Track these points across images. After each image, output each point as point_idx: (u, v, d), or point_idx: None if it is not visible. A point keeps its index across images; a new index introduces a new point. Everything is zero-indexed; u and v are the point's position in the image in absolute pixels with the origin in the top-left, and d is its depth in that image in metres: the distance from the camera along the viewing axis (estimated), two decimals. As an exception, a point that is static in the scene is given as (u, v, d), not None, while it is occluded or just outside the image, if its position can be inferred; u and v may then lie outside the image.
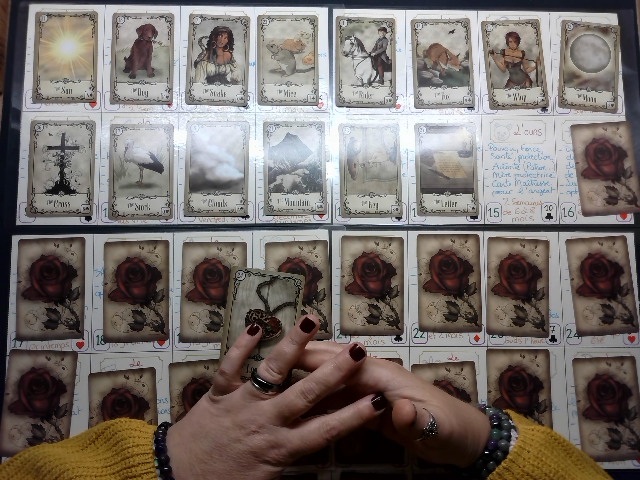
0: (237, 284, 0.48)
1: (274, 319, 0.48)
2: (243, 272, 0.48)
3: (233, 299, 0.48)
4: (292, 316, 0.48)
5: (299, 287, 0.48)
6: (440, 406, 0.43)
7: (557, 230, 0.60)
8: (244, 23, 0.62)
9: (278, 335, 0.48)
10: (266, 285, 0.48)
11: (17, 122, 0.59)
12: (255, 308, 0.48)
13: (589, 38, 0.63)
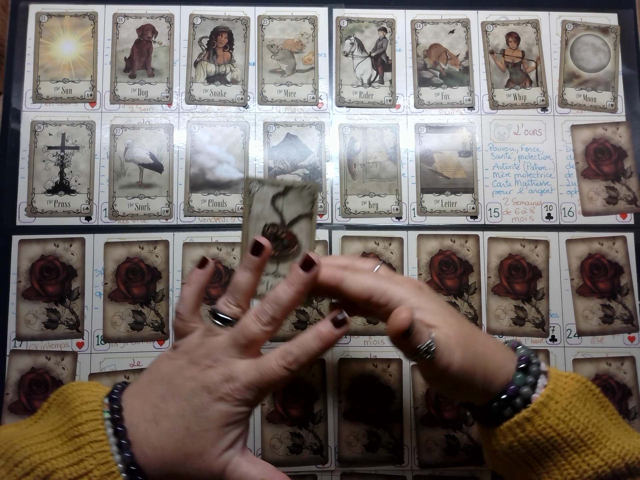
0: (251, 196, 0.44)
1: (290, 232, 0.45)
2: (257, 182, 0.45)
3: (248, 213, 0.45)
4: (308, 229, 0.45)
5: (313, 196, 0.44)
6: (450, 335, 0.38)
7: (557, 230, 0.60)
8: (244, 23, 0.62)
9: (295, 250, 0.45)
10: (280, 196, 0.45)
11: (17, 122, 0.59)
12: (270, 222, 0.45)
13: (589, 38, 0.63)
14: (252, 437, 0.56)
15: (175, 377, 0.39)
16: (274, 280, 0.45)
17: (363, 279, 0.41)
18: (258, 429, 0.56)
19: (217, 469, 0.37)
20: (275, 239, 0.45)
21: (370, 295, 0.40)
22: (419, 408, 0.57)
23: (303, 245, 0.45)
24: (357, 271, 0.42)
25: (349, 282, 0.41)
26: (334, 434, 0.56)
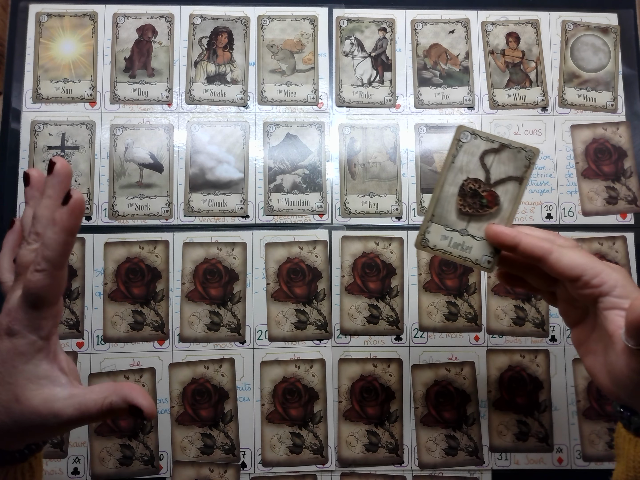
0: (459, 145, 0.42)
1: (493, 192, 0.42)
2: (470, 133, 0.42)
3: (451, 162, 0.42)
4: (514, 193, 0.42)
5: (530, 160, 0.41)
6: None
7: (557, 230, 0.60)
8: (244, 23, 0.62)
9: (494, 211, 0.42)
10: (492, 152, 0.42)
11: (17, 122, 0.59)
12: (473, 177, 0.42)
13: (589, 38, 0.63)
14: (252, 437, 0.56)
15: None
16: (459, 237, 0.42)
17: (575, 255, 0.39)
18: (258, 429, 0.56)
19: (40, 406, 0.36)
20: (474, 195, 0.42)
21: (582, 274, 0.38)
22: (419, 408, 0.57)
23: (504, 209, 0.42)
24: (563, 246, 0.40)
25: (559, 256, 0.39)
26: (334, 434, 0.56)
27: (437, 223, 0.42)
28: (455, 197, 0.42)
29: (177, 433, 0.56)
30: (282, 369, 0.57)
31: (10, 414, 0.37)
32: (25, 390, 0.37)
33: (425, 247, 0.42)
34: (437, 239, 0.42)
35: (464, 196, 0.42)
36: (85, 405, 0.37)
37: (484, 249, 0.42)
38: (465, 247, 0.42)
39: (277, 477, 0.56)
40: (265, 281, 0.58)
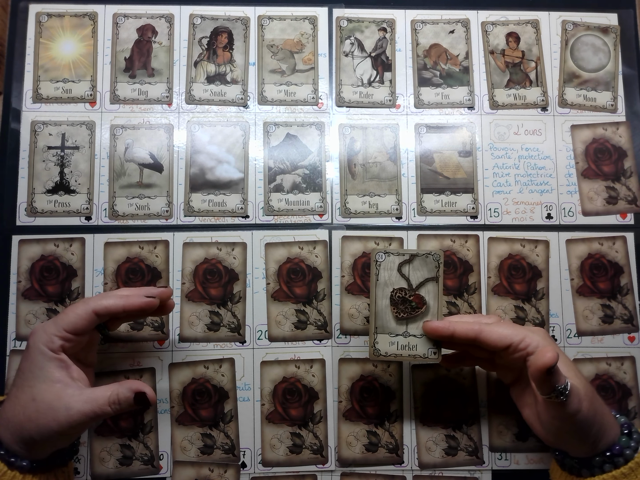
0: (378, 265, 0.49)
1: (418, 295, 0.49)
2: (383, 253, 0.49)
3: (376, 280, 0.49)
4: (434, 291, 0.49)
5: (438, 262, 0.49)
6: (580, 386, 0.44)
7: (557, 230, 0.60)
8: (244, 23, 0.62)
9: (423, 310, 0.49)
10: (406, 263, 0.49)
11: (17, 122, 0.59)
12: (398, 286, 0.49)
13: (589, 38, 0.63)
14: (253, 437, 0.56)
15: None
16: (403, 340, 0.49)
17: (500, 329, 0.46)
18: (258, 429, 0.56)
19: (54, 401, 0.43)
20: (404, 302, 0.49)
21: (510, 342, 0.45)
22: (419, 408, 0.57)
23: (431, 305, 0.49)
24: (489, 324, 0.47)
25: (488, 333, 0.46)
26: (334, 434, 0.56)
27: (382, 333, 0.49)
28: (389, 308, 0.49)
29: (177, 433, 0.56)
30: (282, 369, 0.57)
31: (26, 412, 0.43)
32: (41, 391, 0.43)
33: (379, 356, 0.49)
34: (386, 347, 0.49)
35: (395, 305, 0.49)
36: (95, 399, 0.43)
37: (427, 343, 0.49)
38: (411, 346, 0.49)
39: (277, 477, 0.56)
40: (265, 281, 0.58)
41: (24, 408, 0.43)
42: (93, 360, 0.51)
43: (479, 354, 0.50)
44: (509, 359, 0.46)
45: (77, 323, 0.45)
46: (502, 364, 0.50)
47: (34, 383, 0.44)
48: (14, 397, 0.44)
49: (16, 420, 0.43)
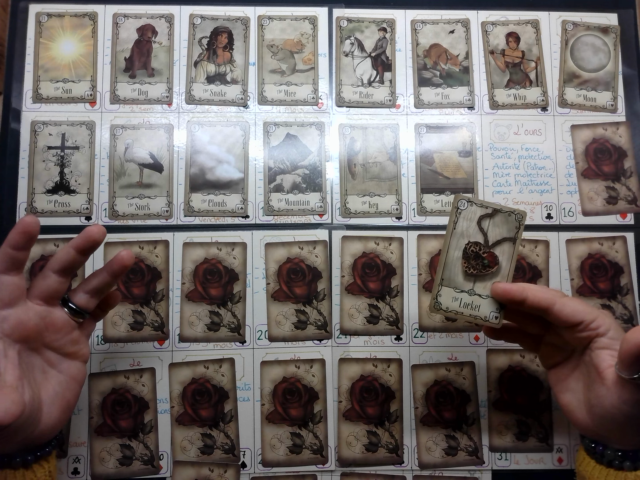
0: (458, 213, 0.46)
1: (492, 253, 0.46)
2: (466, 201, 0.46)
3: (453, 229, 0.47)
4: (510, 252, 0.47)
5: (519, 222, 0.46)
6: None
7: (557, 230, 0.60)
8: (244, 23, 0.62)
9: (494, 270, 0.46)
10: (487, 217, 0.46)
11: (17, 122, 0.59)
12: (474, 240, 0.46)
13: (589, 38, 0.63)
14: (253, 437, 0.56)
15: None
16: (468, 298, 0.46)
17: (574, 304, 0.44)
18: (258, 429, 0.56)
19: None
20: (477, 257, 0.46)
21: (582, 319, 0.43)
22: (419, 408, 0.57)
23: (503, 267, 0.47)
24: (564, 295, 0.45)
25: (561, 305, 0.43)
26: (334, 434, 0.56)
27: (447, 286, 0.46)
28: (460, 261, 0.46)
29: (177, 433, 0.56)
30: (282, 369, 0.57)
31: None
32: None
33: (439, 310, 0.46)
34: (448, 301, 0.46)
35: (467, 259, 0.46)
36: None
37: (491, 306, 0.46)
38: (474, 306, 0.46)
39: (277, 477, 0.56)
40: (265, 281, 0.58)
41: None
42: (80, 352, 0.47)
43: (531, 328, 0.48)
44: (574, 337, 0.44)
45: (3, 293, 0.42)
46: (552, 343, 0.48)
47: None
48: None
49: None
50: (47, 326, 0.44)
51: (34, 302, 0.44)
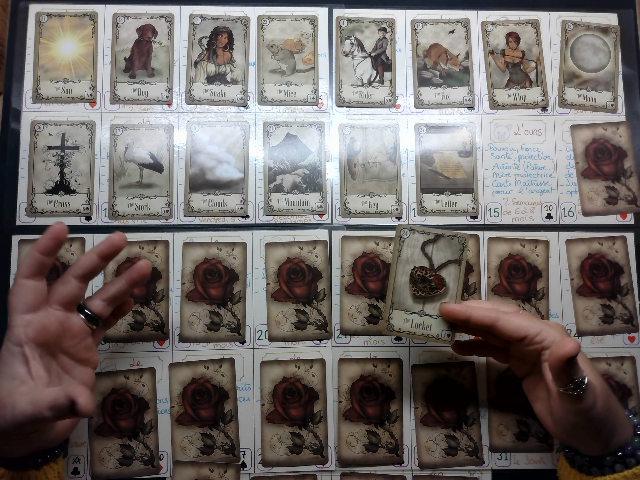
0: (401, 241, 0.49)
1: (438, 275, 0.48)
2: (408, 229, 0.49)
3: (398, 256, 0.49)
4: (456, 273, 0.48)
5: (463, 244, 0.48)
6: (597, 382, 0.43)
7: (557, 230, 0.60)
8: (244, 23, 0.62)
9: (442, 291, 0.48)
10: (430, 242, 0.48)
11: (17, 122, 0.59)
12: (419, 265, 0.49)
13: (589, 38, 0.63)
14: (253, 437, 0.56)
15: None
16: (419, 319, 0.49)
17: (517, 319, 0.45)
18: (258, 429, 0.56)
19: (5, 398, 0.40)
20: (424, 281, 0.48)
21: (526, 334, 0.45)
22: (419, 408, 0.57)
23: (450, 288, 0.49)
24: (507, 312, 0.47)
25: (504, 321, 0.45)
26: (334, 434, 0.56)
27: (397, 309, 0.49)
28: (407, 285, 0.49)
29: (177, 433, 0.56)
30: (282, 369, 0.57)
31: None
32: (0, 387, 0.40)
33: (392, 331, 0.49)
34: (400, 323, 0.49)
35: (415, 282, 0.49)
36: (37, 400, 0.39)
37: (442, 325, 0.49)
38: (425, 325, 0.49)
39: (277, 477, 0.56)
40: (265, 281, 0.58)
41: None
42: (92, 359, 0.48)
43: (494, 342, 0.50)
44: (524, 351, 0.46)
45: (28, 297, 0.42)
46: (516, 356, 0.49)
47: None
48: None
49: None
50: (65, 331, 0.45)
51: (53, 307, 0.44)
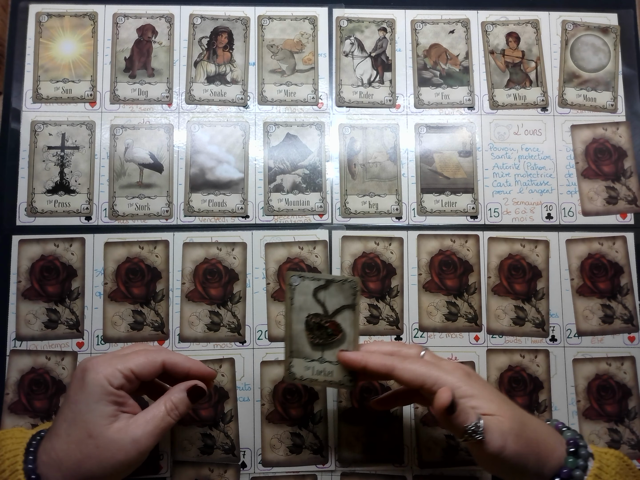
0: (292, 289, 0.47)
1: (334, 322, 0.47)
2: (298, 277, 0.47)
3: (291, 304, 0.47)
4: (351, 318, 0.47)
5: (355, 289, 0.47)
6: (504, 419, 0.41)
7: (557, 230, 0.60)
8: (244, 23, 0.62)
9: (340, 337, 0.47)
10: (322, 289, 0.47)
11: (17, 122, 0.59)
12: (313, 312, 0.47)
13: (589, 38, 0.63)
14: (253, 437, 0.56)
15: None
16: (319, 366, 0.48)
17: (414, 367, 0.44)
18: (258, 429, 0.56)
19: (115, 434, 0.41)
20: (319, 328, 0.47)
21: (423, 383, 0.43)
22: (419, 408, 0.57)
23: (347, 333, 0.47)
24: (405, 358, 0.45)
25: (400, 370, 0.44)
26: (334, 434, 0.56)
27: (297, 357, 0.48)
28: (304, 333, 0.48)
29: (177, 433, 0.56)
30: (282, 368, 0.57)
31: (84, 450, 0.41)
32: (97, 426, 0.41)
33: (294, 380, 0.48)
34: (301, 371, 0.48)
35: (311, 330, 0.47)
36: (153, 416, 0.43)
37: (343, 370, 0.47)
38: (327, 372, 0.48)
39: (277, 477, 0.56)
40: (265, 281, 0.58)
41: (79, 445, 0.41)
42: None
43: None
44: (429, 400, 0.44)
45: (145, 368, 0.44)
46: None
47: (88, 418, 0.41)
48: (65, 435, 0.41)
49: (72, 460, 0.41)
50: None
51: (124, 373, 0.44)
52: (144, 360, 0.44)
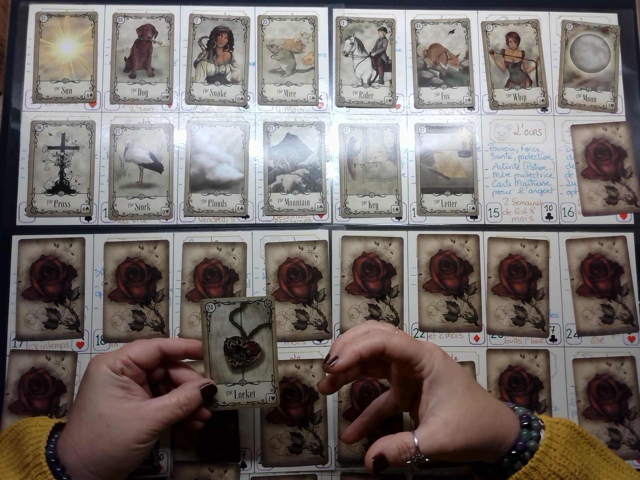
0: (208, 316, 0.48)
1: (252, 342, 0.49)
2: (212, 303, 0.48)
3: (208, 332, 0.48)
4: (268, 337, 0.49)
5: (270, 307, 0.48)
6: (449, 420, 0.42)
7: (557, 230, 0.60)
8: (244, 23, 0.62)
9: (259, 357, 0.49)
10: (238, 312, 0.48)
11: (17, 122, 0.59)
12: (231, 336, 0.48)
13: (589, 38, 0.63)
14: (252, 437, 0.56)
15: None
16: (241, 388, 0.49)
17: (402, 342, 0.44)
18: (258, 429, 0.56)
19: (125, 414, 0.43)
20: (238, 350, 0.48)
21: (410, 358, 0.44)
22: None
23: (266, 352, 0.49)
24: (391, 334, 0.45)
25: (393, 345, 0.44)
26: (334, 434, 0.56)
27: (219, 383, 0.49)
28: (223, 358, 0.49)
29: (177, 433, 0.56)
30: (282, 368, 0.57)
31: (95, 429, 0.43)
32: (106, 406, 0.43)
33: (217, 407, 0.49)
34: (224, 397, 0.49)
35: (230, 354, 0.48)
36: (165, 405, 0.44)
37: (265, 388, 0.49)
38: (249, 393, 0.49)
39: (277, 477, 0.56)
40: (265, 281, 0.58)
41: (91, 426, 0.43)
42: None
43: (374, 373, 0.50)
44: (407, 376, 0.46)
45: (142, 352, 0.46)
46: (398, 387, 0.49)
47: (97, 400, 0.44)
48: (77, 419, 0.44)
49: (85, 441, 0.43)
50: None
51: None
52: (140, 346, 0.46)
